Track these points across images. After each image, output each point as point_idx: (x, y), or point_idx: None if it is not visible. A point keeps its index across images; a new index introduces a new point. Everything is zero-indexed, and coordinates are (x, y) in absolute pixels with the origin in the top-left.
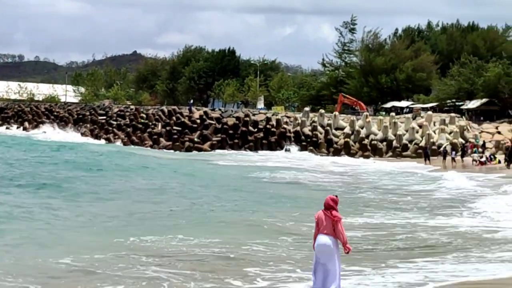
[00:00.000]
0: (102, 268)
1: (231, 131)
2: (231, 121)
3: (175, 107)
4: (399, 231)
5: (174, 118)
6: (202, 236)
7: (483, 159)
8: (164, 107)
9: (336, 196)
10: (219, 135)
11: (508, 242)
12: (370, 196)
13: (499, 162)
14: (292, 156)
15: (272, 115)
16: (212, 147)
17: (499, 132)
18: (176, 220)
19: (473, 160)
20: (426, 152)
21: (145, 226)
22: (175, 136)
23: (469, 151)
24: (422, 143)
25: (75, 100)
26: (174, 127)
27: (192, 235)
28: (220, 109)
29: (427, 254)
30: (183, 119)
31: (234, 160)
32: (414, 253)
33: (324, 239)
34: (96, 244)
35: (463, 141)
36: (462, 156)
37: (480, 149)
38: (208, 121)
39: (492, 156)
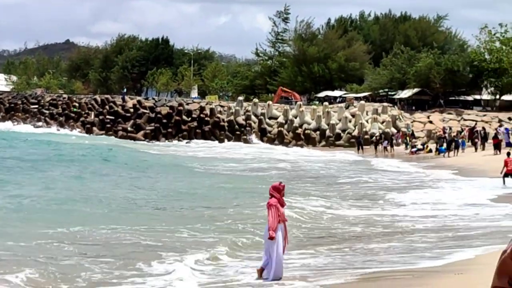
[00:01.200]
0: (23, 255)
1: (164, 121)
2: (164, 110)
3: (108, 96)
4: (305, 220)
5: (107, 107)
6: (131, 225)
7: (414, 148)
8: (97, 96)
9: (280, 183)
10: (152, 124)
11: (409, 232)
12: (299, 184)
13: (431, 151)
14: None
15: (206, 104)
16: (146, 137)
17: (430, 122)
18: (105, 209)
19: (410, 148)
20: (359, 141)
21: (74, 216)
22: (108, 125)
23: (399, 140)
24: (355, 133)
25: (7, 89)
26: (107, 116)
27: (121, 224)
28: (153, 98)
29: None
30: (116, 108)
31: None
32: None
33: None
34: (21, 232)
35: (395, 130)
36: (391, 145)
37: (414, 139)
38: (142, 110)
39: (424, 145)
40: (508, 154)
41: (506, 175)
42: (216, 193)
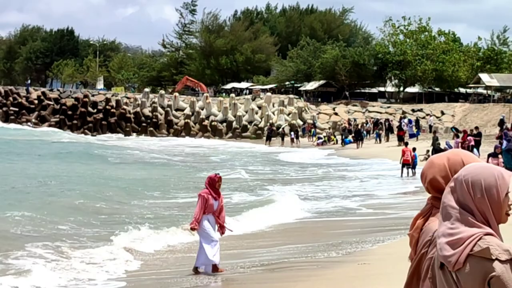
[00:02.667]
0: None
1: (69, 112)
2: (69, 101)
3: (12, 87)
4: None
5: (11, 98)
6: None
7: (320, 140)
8: (0, 87)
9: (216, 174)
10: (57, 116)
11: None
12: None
13: (337, 142)
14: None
15: (112, 96)
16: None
17: (336, 113)
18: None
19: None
20: (269, 134)
21: None
22: (12, 117)
23: (313, 131)
24: (261, 124)
25: None
26: (11, 108)
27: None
28: (58, 90)
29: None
30: (20, 100)
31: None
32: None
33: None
34: None
35: (301, 122)
36: (297, 137)
37: (320, 130)
38: (46, 101)
39: (329, 137)
40: (406, 144)
41: (403, 165)
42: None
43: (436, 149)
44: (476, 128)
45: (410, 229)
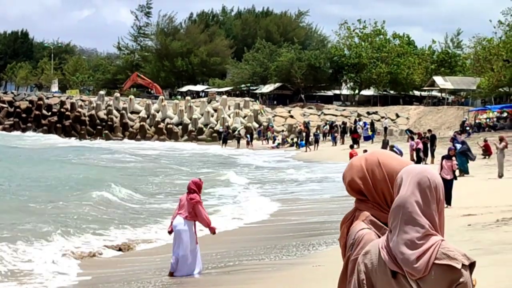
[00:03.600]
0: None
1: (24, 115)
2: (24, 104)
3: None
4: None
5: None
6: None
7: (276, 143)
8: None
9: (200, 179)
10: (11, 118)
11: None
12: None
13: (292, 145)
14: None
15: (67, 98)
16: (4, 131)
17: (291, 116)
18: None
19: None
20: (225, 136)
21: None
22: None
23: (269, 133)
24: (217, 127)
25: None
26: None
27: None
28: (12, 92)
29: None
30: None
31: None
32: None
33: (178, 220)
34: None
35: (257, 125)
36: (251, 139)
37: (276, 134)
38: (0, 104)
39: (286, 140)
40: (351, 146)
41: None
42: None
43: None
44: (429, 131)
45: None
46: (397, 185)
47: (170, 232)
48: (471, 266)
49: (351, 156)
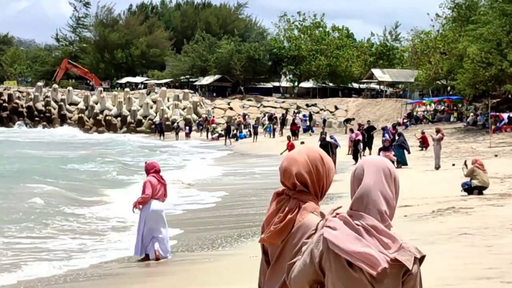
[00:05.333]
0: None
1: None
2: None
3: None
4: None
5: None
6: None
7: (215, 134)
8: None
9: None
10: None
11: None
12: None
13: (233, 137)
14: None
15: (4, 90)
16: None
17: (231, 108)
18: None
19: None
20: (161, 127)
21: None
22: None
23: (211, 125)
24: (157, 119)
25: None
26: None
27: None
28: None
29: None
30: None
31: None
32: None
33: (159, 205)
34: None
35: (196, 116)
36: (190, 131)
37: (215, 125)
38: None
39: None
40: (289, 138)
41: None
42: None
43: (321, 142)
44: (368, 122)
45: (268, 223)
46: (357, 175)
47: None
48: (421, 259)
49: (292, 147)
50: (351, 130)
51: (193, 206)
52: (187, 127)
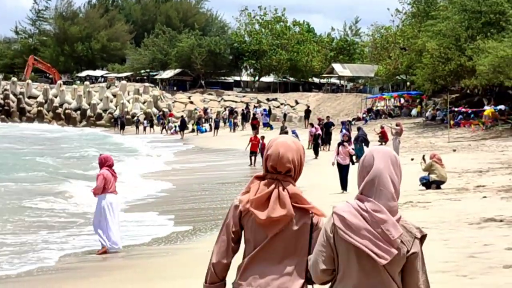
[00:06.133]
0: None
1: None
2: None
3: None
4: None
5: None
6: None
7: (173, 129)
8: None
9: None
10: None
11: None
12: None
13: (193, 131)
14: None
15: None
16: None
17: (191, 102)
18: None
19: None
20: (122, 121)
21: None
22: None
23: (167, 119)
24: (117, 113)
25: None
26: None
27: None
28: None
29: None
30: None
31: None
32: None
33: (113, 197)
34: None
35: (156, 110)
36: (151, 125)
37: (175, 119)
38: None
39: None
40: (256, 133)
41: (251, 153)
42: None
43: None
44: (327, 118)
45: (260, 204)
46: (367, 161)
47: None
48: (422, 238)
49: (258, 142)
50: (311, 125)
51: (145, 200)
52: (147, 121)
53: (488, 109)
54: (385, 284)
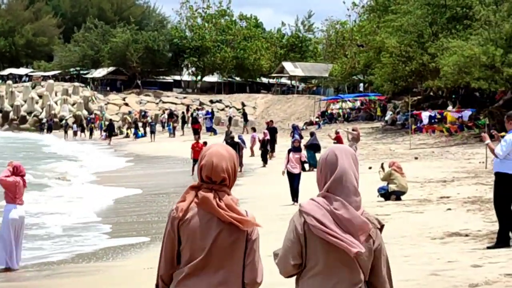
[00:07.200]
0: None
1: None
2: None
3: None
4: None
5: None
6: None
7: (104, 134)
8: None
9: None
10: None
11: None
12: None
13: (127, 136)
14: None
15: None
16: None
17: (126, 104)
18: None
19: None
20: (50, 125)
21: None
22: None
23: (96, 123)
24: (43, 115)
25: None
26: None
27: None
28: None
29: None
30: None
31: None
32: None
33: (21, 210)
34: None
35: (86, 112)
36: (83, 130)
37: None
38: None
39: (120, 130)
40: (198, 139)
41: (195, 160)
42: None
43: (228, 142)
44: (271, 122)
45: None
46: (331, 160)
47: None
48: (382, 228)
49: (201, 148)
50: (253, 129)
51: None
52: (75, 125)
53: (449, 115)
54: (354, 275)
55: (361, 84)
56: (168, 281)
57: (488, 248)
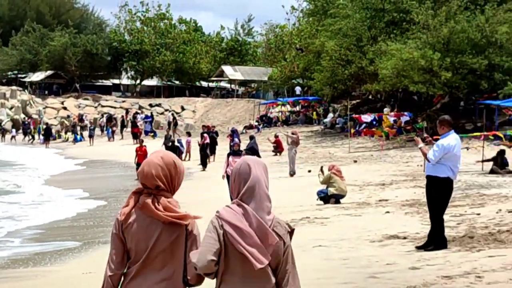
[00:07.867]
0: None
1: None
2: None
3: None
4: None
5: None
6: None
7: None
8: None
9: None
10: None
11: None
12: None
13: (67, 140)
14: None
15: None
16: None
17: (65, 108)
18: None
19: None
20: None
21: None
22: None
23: (33, 127)
24: None
25: None
26: None
27: None
28: None
29: None
30: None
31: None
32: None
33: None
34: None
35: (24, 116)
36: (25, 134)
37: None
38: None
39: (58, 134)
40: (141, 142)
41: (138, 165)
42: None
43: (168, 146)
44: (207, 127)
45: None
46: (244, 170)
47: None
48: (292, 232)
49: (144, 152)
50: (188, 134)
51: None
52: (14, 130)
53: (386, 119)
54: (267, 276)
55: (298, 88)
56: (116, 282)
57: (417, 248)
